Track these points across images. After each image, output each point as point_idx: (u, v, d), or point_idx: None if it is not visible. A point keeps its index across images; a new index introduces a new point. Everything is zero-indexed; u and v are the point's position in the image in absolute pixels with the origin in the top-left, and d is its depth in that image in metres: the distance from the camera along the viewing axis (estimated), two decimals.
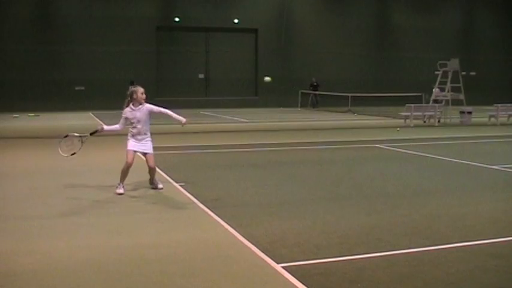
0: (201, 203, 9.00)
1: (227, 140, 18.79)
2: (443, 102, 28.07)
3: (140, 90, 10.06)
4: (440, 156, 14.89)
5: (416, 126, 25.12)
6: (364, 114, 33.33)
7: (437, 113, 26.95)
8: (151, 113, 10.15)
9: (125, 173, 10.07)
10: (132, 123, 10.07)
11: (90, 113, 33.47)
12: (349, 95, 37.36)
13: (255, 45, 43.21)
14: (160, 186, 10.43)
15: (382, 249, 6.54)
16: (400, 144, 17.45)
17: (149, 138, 10.28)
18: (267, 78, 16.21)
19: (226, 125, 26.11)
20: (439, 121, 26.99)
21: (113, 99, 36.90)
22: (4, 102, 34.41)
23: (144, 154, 10.27)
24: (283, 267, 5.88)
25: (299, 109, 39.97)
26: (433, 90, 33.65)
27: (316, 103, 40.85)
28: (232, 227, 7.48)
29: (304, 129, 24.17)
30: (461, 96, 27.91)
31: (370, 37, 45.51)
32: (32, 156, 15.40)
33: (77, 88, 38.12)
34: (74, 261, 6.19)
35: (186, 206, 8.95)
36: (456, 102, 28.37)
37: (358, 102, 37.42)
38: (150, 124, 10.29)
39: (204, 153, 16.05)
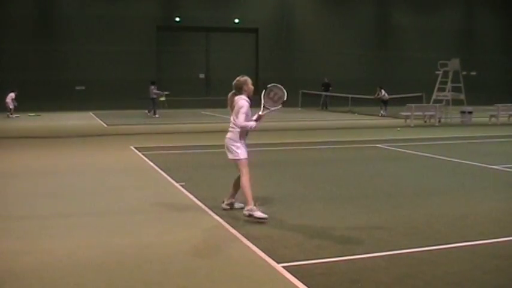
0: (202, 202, 9.00)
1: None
2: (444, 102, 28.07)
3: (250, 80, 8.68)
4: (441, 156, 14.88)
5: (416, 126, 25.11)
6: (365, 114, 33.33)
7: (438, 113, 26.94)
8: None
9: (250, 188, 8.18)
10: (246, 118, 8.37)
11: (91, 113, 33.47)
12: (350, 96, 37.35)
13: (255, 45, 43.20)
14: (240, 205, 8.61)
15: (383, 249, 6.54)
16: (400, 144, 17.45)
17: None
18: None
19: (226, 125, 26.02)
20: (439, 121, 26.98)
21: (114, 99, 36.98)
22: (5, 102, 34.35)
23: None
24: (283, 267, 5.88)
25: (300, 109, 39.94)
26: (381, 90, 33.78)
27: (326, 104, 40.36)
28: (233, 227, 7.49)
29: (305, 129, 24.18)
30: (462, 96, 27.91)
31: (370, 37, 45.48)
32: (32, 156, 15.40)
33: (77, 88, 38.10)
34: (74, 261, 6.20)
35: (186, 206, 8.96)
36: (457, 102, 28.37)
37: (359, 102, 37.39)
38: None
39: (204, 153, 16.05)
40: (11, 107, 30.94)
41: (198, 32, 41.46)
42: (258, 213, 7.88)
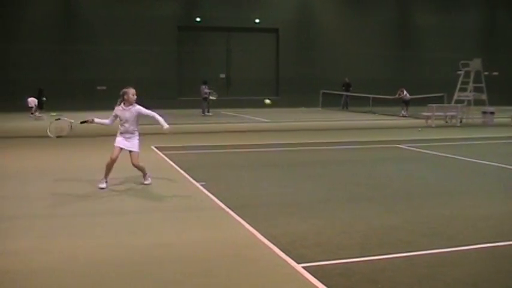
0: (222, 202, 9.03)
1: (248, 140, 18.81)
2: (466, 103, 27.90)
3: (131, 91, 10.55)
4: (462, 156, 14.80)
5: (438, 126, 24.97)
6: (386, 114, 33.21)
7: (459, 113, 26.78)
8: (139, 115, 10.55)
9: (109, 167, 10.44)
10: (121, 121, 10.54)
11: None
12: (370, 96, 37.23)
13: (276, 45, 43.16)
14: (147, 182, 10.80)
15: (403, 249, 6.53)
16: (421, 145, 17.37)
17: (136, 137, 10.65)
18: (267, 101, 15.86)
19: (247, 125, 26.15)
20: (461, 121, 26.83)
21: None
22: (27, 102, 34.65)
23: (130, 152, 10.57)
24: (303, 267, 5.90)
25: (320, 109, 39.90)
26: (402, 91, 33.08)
27: (347, 104, 40.24)
28: (253, 227, 7.50)
29: (325, 129, 24.13)
30: (484, 97, 27.73)
31: (391, 37, 45.26)
32: (52, 155, 15.53)
33: (98, 88, 38.33)
34: (92, 260, 6.26)
35: (206, 206, 8.99)
36: (478, 103, 28.18)
37: (380, 102, 37.24)
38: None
39: (225, 152, 16.08)
40: (32, 105, 31.27)
41: (218, 32, 41.52)
42: (99, 184, 10.41)
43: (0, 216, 8.36)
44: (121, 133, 10.55)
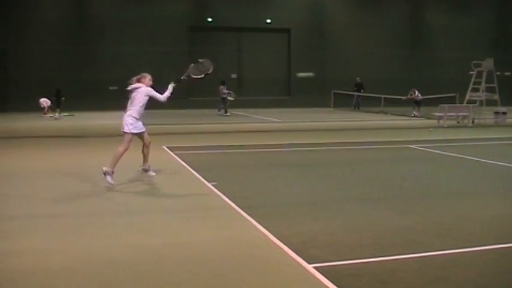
0: (233, 202, 9.02)
1: (259, 140, 18.80)
2: (478, 103, 27.79)
3: (148, 76, 11.37)
4: (474, 157, 14.73)
5: (449, 126, 24.87)
6: (397, 115, 33.10)
7: (471, 113, 26.66)
8: None
9: (120, 157, 10.60)
10: (143, 105, 11.09)
11: (124, 113, 33.64)
12: (382, 96, 37.13)
13: (287, 45, 43.14)
14: (152, 173, 11.17)
15: (415, 250, 6.50)
16: (433, 145, 17.31)
17: None
18: (303, 74, 15.33)
19: (258, 125, 26.14)
20: (473, 122, 26.70)
21: None
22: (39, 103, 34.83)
23: (141, 134, 11.11)
24: (314, 267, 5.88)
25: (332, 109, 39.83)
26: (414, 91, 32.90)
27: (359, 104, 40.11)
28: (264, 227, 7.49)
29: (336, 129, 24.09)
30: (496, 97, 27.59)
31: (403, 37, 45.12)
32: (63, 155, 15.58)
33: (110, 88, 38.39)
34: (105, 260, 6.27)
35: (217, 206, 8.99)
36: (491, 103, 28.05)
37: (391, 102, 37.13)
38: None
39: (236, 153, 16.08)
40: (44, 105, 31.58)
41: (230, 32, 41.56)
42: (108, 178, 10.26)
43: (5, 215, 8.39)
44: (140, 115, 11.06)
